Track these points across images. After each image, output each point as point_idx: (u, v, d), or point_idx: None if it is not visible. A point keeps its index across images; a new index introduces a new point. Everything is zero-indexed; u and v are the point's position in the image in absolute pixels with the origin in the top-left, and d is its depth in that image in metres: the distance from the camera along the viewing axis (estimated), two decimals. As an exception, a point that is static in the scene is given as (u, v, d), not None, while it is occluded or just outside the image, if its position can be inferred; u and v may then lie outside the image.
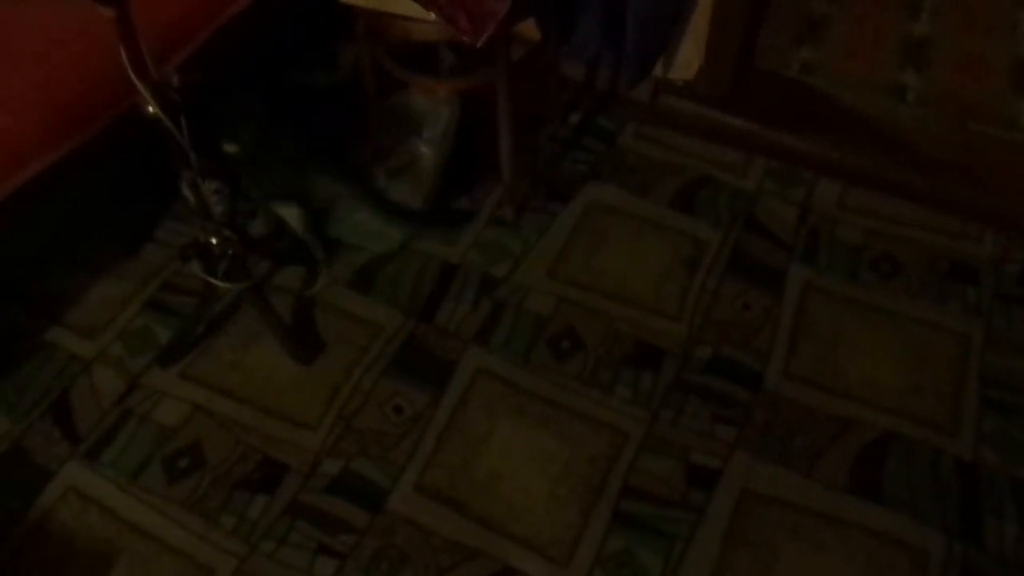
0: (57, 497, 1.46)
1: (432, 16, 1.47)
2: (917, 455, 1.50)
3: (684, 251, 1.81)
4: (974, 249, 1.81)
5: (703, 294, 1.73)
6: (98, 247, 1.82)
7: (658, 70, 2.01)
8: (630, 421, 1.55)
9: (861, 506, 1.44)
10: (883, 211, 1.88)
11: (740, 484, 1.47)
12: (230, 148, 1.68)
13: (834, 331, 1.68)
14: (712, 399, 1.57)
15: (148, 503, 1.45)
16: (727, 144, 2.01)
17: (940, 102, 2.09)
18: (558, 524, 1.43)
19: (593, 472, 1.48)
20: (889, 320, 1.69)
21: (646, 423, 1.54)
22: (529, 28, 1.83)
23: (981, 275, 1.76)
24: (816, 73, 2.18)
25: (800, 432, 1.53)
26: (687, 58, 1.98)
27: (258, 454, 1.51)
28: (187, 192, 1.49)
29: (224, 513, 1.44)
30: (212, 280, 1.55)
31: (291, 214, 1.71)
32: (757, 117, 1.99)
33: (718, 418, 1.55)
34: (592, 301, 1.73)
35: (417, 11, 1.50)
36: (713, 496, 1.45)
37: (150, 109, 1.28)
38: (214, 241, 1.52)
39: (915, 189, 1.88)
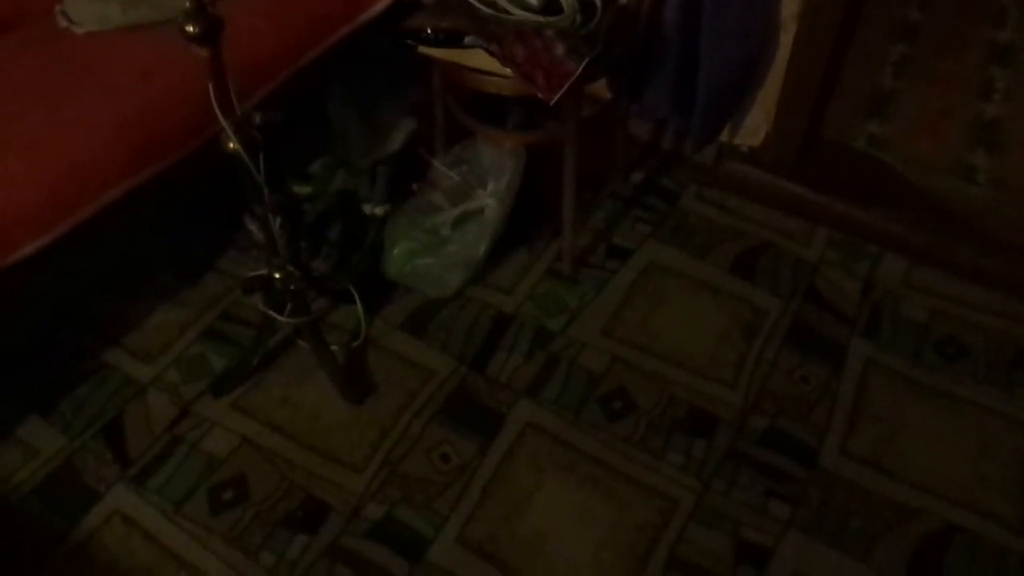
0: (103, 520, 1.47)
1: (508, 72, 1.50)
2: (981, 552, 1.43)
3: (742, 317, 1.78)
4: (1044, 337, 1.75)
5: (760, 363, 1.70)
6: (161, 273, 1.86)
7: (724, 134, 2.01)
8: (680, 489, 1.51)
9: (919, 600, 1.38)
10: (949, 292, 1.83)
11: (792, 566, 1.41)
12: (302, 189, 1.71)
13: (895, 412, 1.63)
14: (766, 473, 1.53)
15: (191, 533, 1.45)
16: (790, 212, 1.99)
17: (1012, 185, 2.05)
18: (601, 591, 1.39)
19: (639, 539, 1.45)
20: (953, 405, 1.64)
21: (697, 492, 1.50)
22: (600, 87, 1.85)
23: (1051, 365, 1.70)
24: (883, 147, 2.16)
25: (856, 515, 1.48)
26: (755, 124, 1.98)
27: (302, 492, 1.51)
28: (254, 227, 1.52)
29: (264, 550, 1.43)
30: (272, 314, 1.57)
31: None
32: (822, 187, 1.97)
33: (771, 493, 1.50)
34: (646, 362, 1.70)
35: (492, 65, 1.53)
36: (763, 576, 1.40)
37: (231, 144, 1.32)
38: (277, 276, 1.54)
39: (984, 272, 1.84)
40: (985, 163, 2.12)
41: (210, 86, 1.25)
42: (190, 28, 1.18)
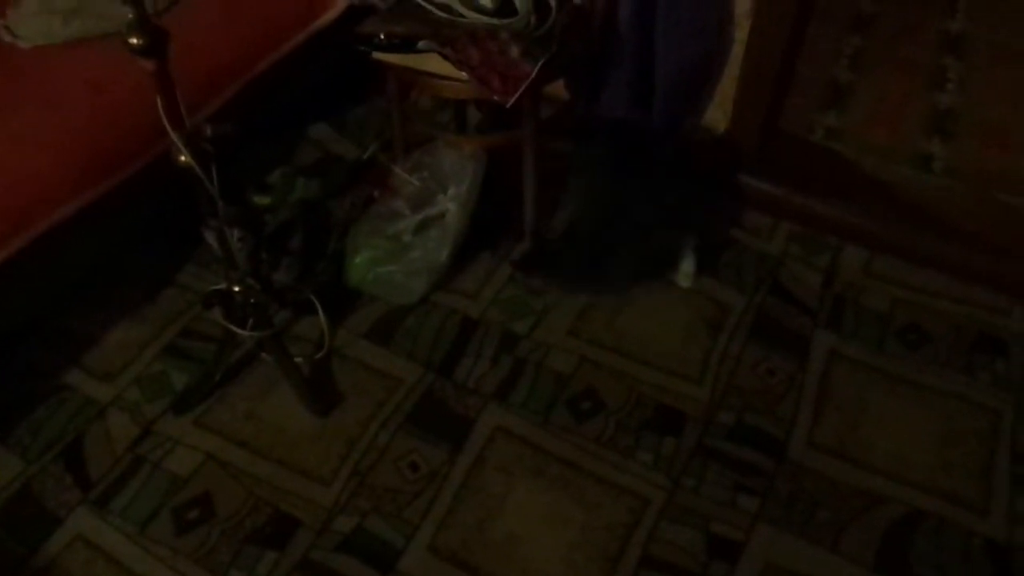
0: (64, 544, 1.43)
1: (464, 76, 1.49)
2: (947, 535, 1.45)
3: (707, 314, 1.79)
4: (1002, 321, 1.78)
5: (726, 358, 1.71)
6: (119, 289, 1.82)
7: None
8: (650, 487, 1.51)
9: (889, 587, 1.39)
10: (910, 280, 1.86)
11: (763, 558, 1.42)
12: (261, 200, 1.69)
13: (860, 401, 1.64)
14: (734, 467, 1.54)
15: (156, 555, 1.42)
16: (751, 207, 2.00)
17: (967, 173, 2.08)
18: (574, 593, 1.39)
19: (611, 539, 1.44)
20: (916, 391, 1.66)
21: (667, 490, 1.51)
22: (558, 87, 1.85)
23: (1010, 348, 1.73)
24: (841, 139, 2.19)
25: (824, 505, 1.49)
26: (713, 121, 1.99)
27: (269, 507, 1.48)
28: (212, 240, 1.50)
29: (233, 568, 1.41)
30: (233, 328, 1.55)
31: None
32: (782, 181, 1.99)
33: (740, 487, 1.51)
34: (613, 361, 1.70)
35: (448, 70, 1.52)
36: (736, 570, 1.41)
37: (182, 158, 1.30)
38: (237, 289, 1.52)
39: (942, 259, 1.86)
40: (940, 152, 2.15)
41: (158, 99, 1.23)
42: (134, 40, 1.16)
